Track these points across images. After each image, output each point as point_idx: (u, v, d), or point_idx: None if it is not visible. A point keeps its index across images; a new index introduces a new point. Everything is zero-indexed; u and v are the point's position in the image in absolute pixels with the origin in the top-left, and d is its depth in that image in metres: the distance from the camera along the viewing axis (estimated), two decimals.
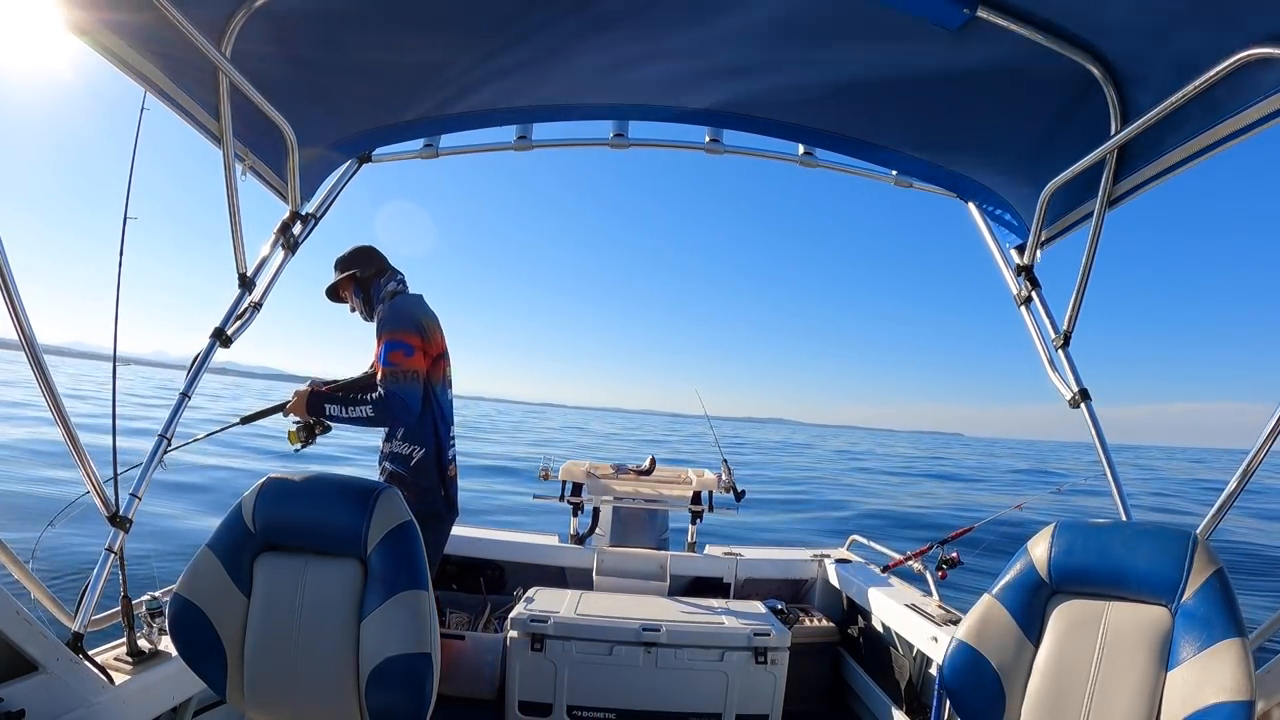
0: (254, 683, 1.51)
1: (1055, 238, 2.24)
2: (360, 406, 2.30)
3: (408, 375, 2.29)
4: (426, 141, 2.48)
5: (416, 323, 2.38)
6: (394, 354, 2.30)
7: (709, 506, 3.43)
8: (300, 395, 2.39)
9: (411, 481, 2.36)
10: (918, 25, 1.65)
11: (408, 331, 2.33)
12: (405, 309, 2.41)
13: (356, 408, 2.30)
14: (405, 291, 2.52)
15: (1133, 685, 1.33)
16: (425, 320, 2.41)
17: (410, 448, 2.38)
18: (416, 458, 2.37)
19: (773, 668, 2.60)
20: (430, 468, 2.39)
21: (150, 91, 1.73)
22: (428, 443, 2.39)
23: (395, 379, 2.28)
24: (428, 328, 2.40)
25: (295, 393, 2.41)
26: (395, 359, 2.29)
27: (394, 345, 2.31)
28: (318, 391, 2.40)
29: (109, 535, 1.74)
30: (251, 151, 2.09)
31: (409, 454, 2.38)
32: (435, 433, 2.41)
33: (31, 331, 1.46)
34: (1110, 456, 1.98)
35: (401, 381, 2.28)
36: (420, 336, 2.36)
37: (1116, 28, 1.56)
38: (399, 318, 2.37)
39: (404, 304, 2.44)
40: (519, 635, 2.58)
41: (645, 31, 1.86)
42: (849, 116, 2.21)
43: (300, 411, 2.39)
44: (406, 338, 2.32)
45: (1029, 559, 1.51)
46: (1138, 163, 1.83)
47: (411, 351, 2.31)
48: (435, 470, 2.41)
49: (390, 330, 2.33)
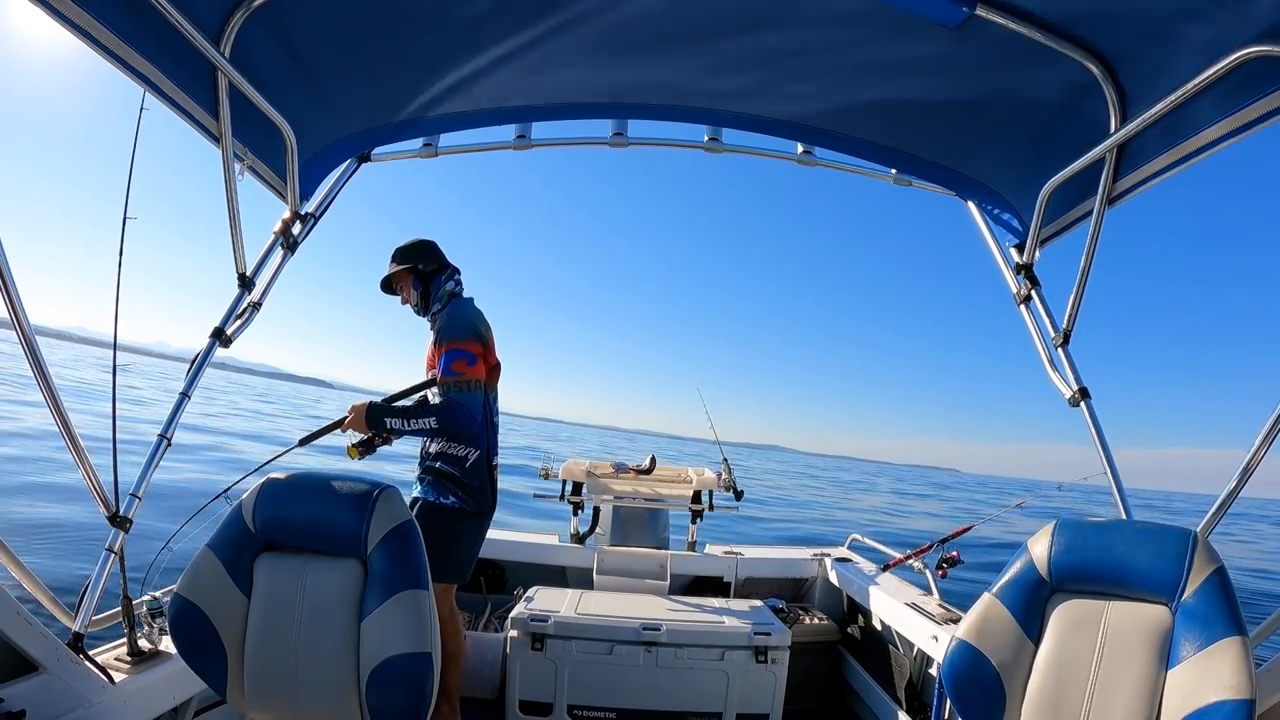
0: (254, 682, 1.51)
1: (1055, 236, 2.24)
2: (424, 419, 2.32)
3: (471, 385, 2.34)
4: (426, 141, 2.48)
5: (477, 331, 2.43)
6: (457, 363, 2.34)
7: (709, 505, 3.43)
8: (358, 410, 2.35)
9: (466, 482, 2.42)
10: (917, 23, 1.65)
11: (469, 340, 2.39)
12: (466, 317, 2.45)
13: (420, 420, 2.32)
14: (462, 293, 2.55)
15: (1133, 684, 1.33)
16: (484, 328, 2.46)
17: (465, 449, 2.43)
18: (471, 459, 2.43)
19: (773, 667, 2.60)
20: (482, 468, 2.46)
21: (149, 91, 1.73)
22: (481, 445, 2.45)
23: (460, 389, 2.32)
24: (486, 336, 2.46)
25: (352, 408, 2.38)
26: (459, 368, 2.34)
27: (458, 355, 2.35)
28: (376, 406, 2.38)
29: (109, 535, 1.74)
30: (251, 151, 2.09)
31: (464, 455, 2.43)
32: (488, 437, 2.47)
33: (33, 335, 1.46)
34: (1110, 455, 1.98)
35: (465, 391, 2.33)
36: (481, 344, 2.41)
37: (1115, 26, 1.56)
38: (461, 326, 2.41)
39: (465, 311, 2.47)
40: (519, 635, 2.58)
41: (644, 31, 1.86)
42: (848, 115, 2.21)
43: (360, 427, 2.36)
44: (469, 346, 2.37)
45: (1029, 557, 1.51)
46: (1137, 161, 1.83)
47: (474, 361, 2.37)
48: (486, 471, 2.47)
49: (452, 339, 2.37)
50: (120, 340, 1.75)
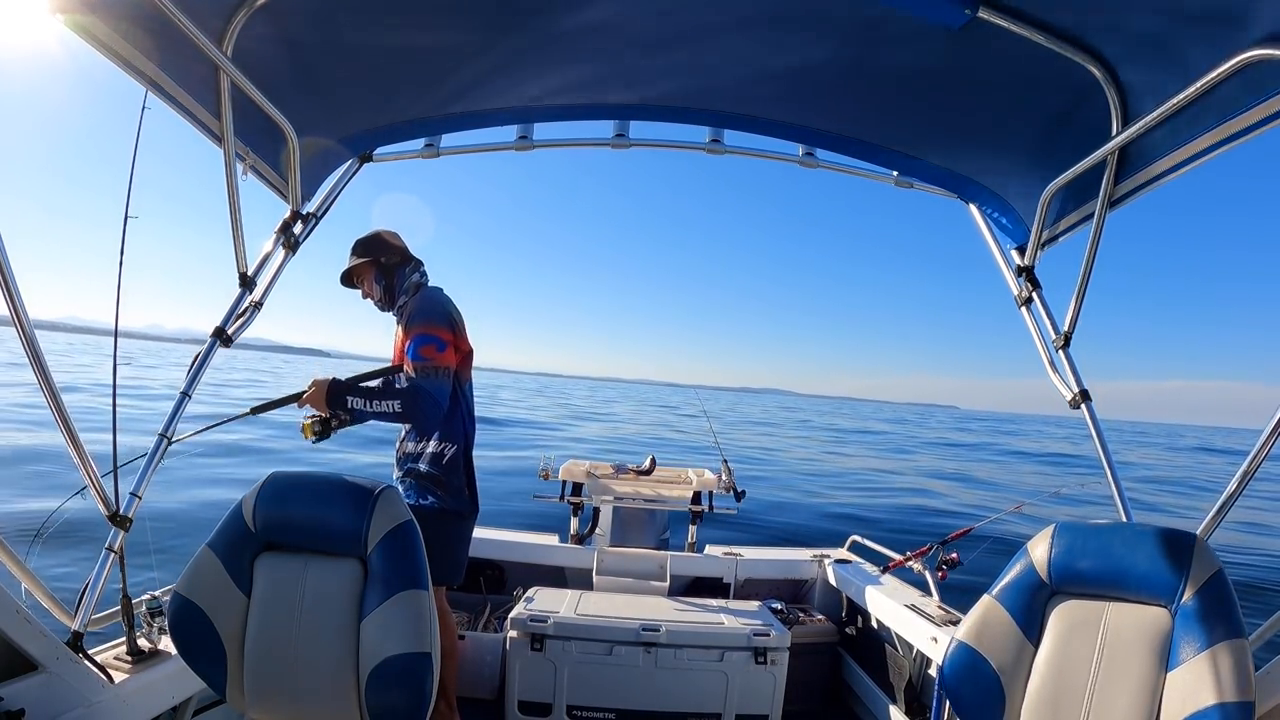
0: (254, 682, 1.52)
1: (1056, 239, 2.24)
2: (387, 401, 2.19)
3: (439, 371, 2.21)
4: (427, 141, 2.48)
5: (449, 317, 2.30)
6: (425, 348, 2.21)
7: (709, 506, 3.43)
8: (319, 385, 2.22)
9: (444, 480, 2.32)
10: (919, 25, 1.65)
11: (439, 326, 2.25)
12: (437, 301, 2.33)
13: (382, 402, 2.19)
14: (428, 283, 2.44)
15: (1132, 686, 1.33)
16: (455, 314, 2.35)
17: (442, 445, 2.32)
18: (449, 454, 2.33)
19: (772, 668, 2.60)
20: (459, 465, 2.35)
21: (151, 90, 1.73)
22: (458, 440, 2.34)
23: (426, 374, 2.19)
24: (458, 322, 2.34)
25: (313, 382, 2.24)
26: (427, 353, 2.20)
27: (426, 339, 2.21)
28: (339, 382, 2.23)
29: (109, 534, 1.74)
30: (252, 151, 2.09)
31: (440, 451, 2.32)
32: (464, 430, 2.37)
33: (33, 333, 1.46)
34: (1110, 457, 1.98)
35: (432, 378, 2.20)
36: (452, 331, 2.29)
37: (1117, 29, 1.56)
38: (431, 310, 2.28)
39: (435, 296, 2.36)
40: (519, 635, 2.58)
41: (645, 31, 1.86)
42: (850, 117, 2.21)
43: (318, 404, 2.22)
44: (438, 332, 2.24)
45: (1029, 560, 1.51)
46: (1138, 164, 1.83)
47: (444, 346, 2.24)
48: (463, 468, 2.37)
49: (423, 324, 2.24)
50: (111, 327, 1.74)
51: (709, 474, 3.54)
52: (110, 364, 1.80)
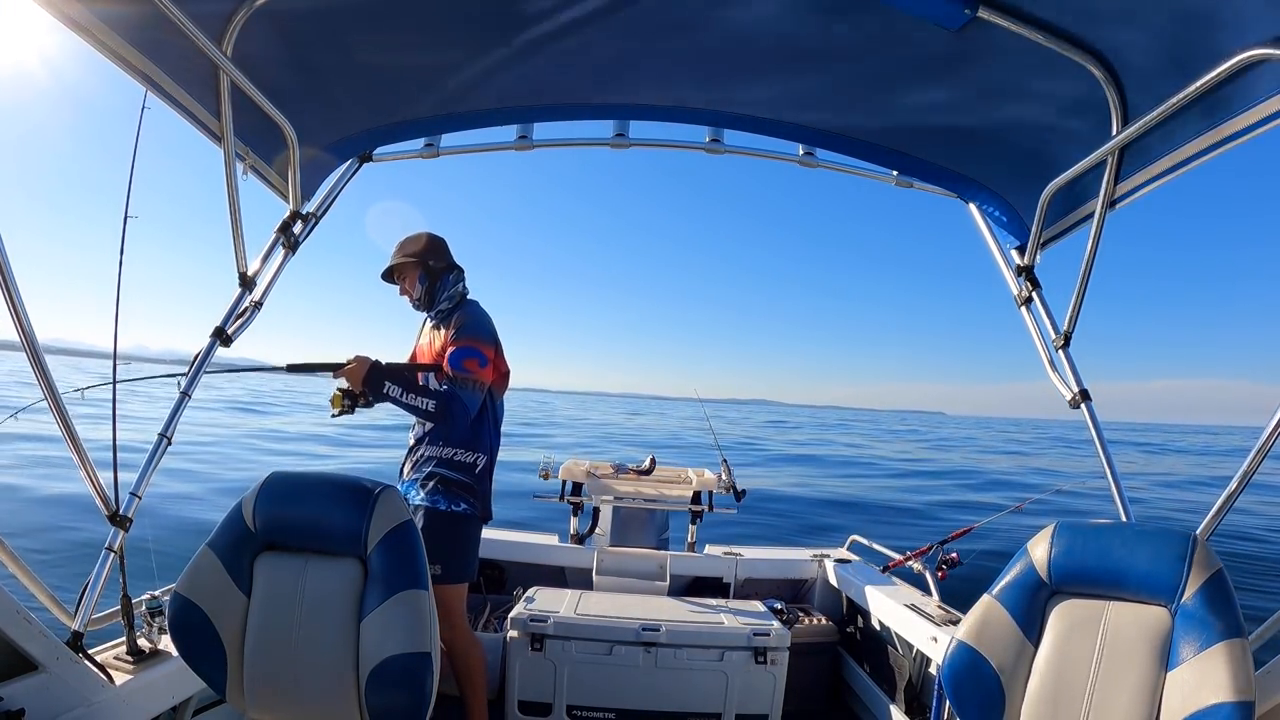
0: (254, 682, 1.51)
1: (1056, 238, 2.24)
2: (424, 398, 2.29)
3: (476, 385, 2.35)
4: (427, 141, 2.48)
5: (494, 336, 2.45)
6: (469, 360, 2.33)
7: (709, 506, 3.43)
8: (361, 362, 2.29)
9: (476, 488, 2.42)
10: (918, 25, 1.65)
11: (486, 343, 2.39)
12: (487, 319, 2.46)
13: (419, 397, 2.29)
14: (468, 294, 2.55)
15: (1132, 686, 1.33)
16: (497, 335, 2.49)
17: (475, 455, 2.42)
18: (481, 465, 2.43)
19: (772, 668, 2.60)
20: (488, 474, 2.47)
21: (151, 90, 1.73)
22: (487, 450, 2.45)
23: (464, 385, 2.32)
24: (499, 343, 2.48)
25: (356, 357, 2.30)
26: (470, 366, 2.33)
27: (470, 353, 2.34)
28: (380, 367, 2.31)
29: (109, 534, 1.74)
30: (252, 151, 2.09)
31: (474, 462, 2.42)
32: (492, 443, 2.49)
33: (32, 331, 1.46)
34: (1110, 457, 1.99)
35: (468, 389, 2.33)
36: (495, 350, 2.43)
37: (1117, 29, 1.56)
38: (480, 327, 2.41)
39: (484, 314, 2.48)
40: (519, 635, 2.58)
41: (646, 31, 1.86)
42: (849, 117, 2.21)
43: (355, 379, 2.29)
44: (484, 349, 2.38)
45: (1029, 559, 1.51)
46: (1138, 164, 1.83)
47: (485, 363, 2.37)
48: (489, 477, 2.49)
49: (471, 337, 2.36)
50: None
51: (709, 473, 3.53)
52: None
